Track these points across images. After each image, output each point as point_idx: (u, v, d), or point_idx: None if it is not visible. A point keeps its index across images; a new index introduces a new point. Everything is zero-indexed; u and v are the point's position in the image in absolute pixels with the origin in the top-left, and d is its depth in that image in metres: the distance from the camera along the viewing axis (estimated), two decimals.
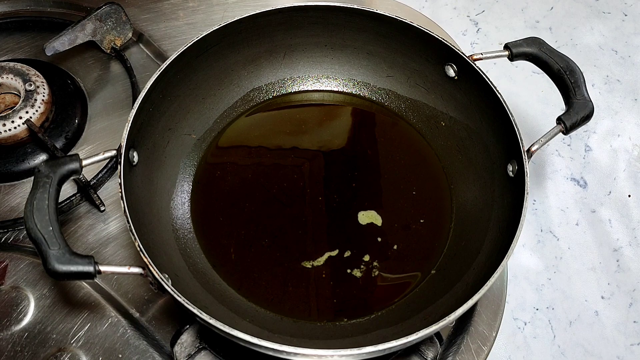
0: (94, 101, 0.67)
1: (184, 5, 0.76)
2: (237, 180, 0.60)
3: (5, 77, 0.62)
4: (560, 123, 0.51)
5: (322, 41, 0.64)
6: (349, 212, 0.58)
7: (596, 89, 0.74)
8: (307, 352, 0.41)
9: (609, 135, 0.71)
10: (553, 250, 0.63)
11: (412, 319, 0.51)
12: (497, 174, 0.54)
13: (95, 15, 0.68)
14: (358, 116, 0.65)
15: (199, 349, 0.52)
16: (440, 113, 0.62)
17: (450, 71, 0.58)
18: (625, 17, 0.81)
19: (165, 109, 0.56)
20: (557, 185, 0.68)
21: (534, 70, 0.56)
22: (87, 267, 0.41)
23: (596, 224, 0.65)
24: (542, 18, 0.81)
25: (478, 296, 0.43)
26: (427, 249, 0.56)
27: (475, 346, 0.54)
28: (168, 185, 0.57)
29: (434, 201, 0.59)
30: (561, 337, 0.59)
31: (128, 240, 0.58)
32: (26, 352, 0.51)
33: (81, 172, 0.46)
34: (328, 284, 0.54)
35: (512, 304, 0.60)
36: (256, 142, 0.63)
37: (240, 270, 0.55)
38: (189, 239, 0.56)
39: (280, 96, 0.66)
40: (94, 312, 0.53)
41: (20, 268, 0.55)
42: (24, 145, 0.61)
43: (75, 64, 0.70)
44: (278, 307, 0.53)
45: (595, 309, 0.60)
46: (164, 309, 0.54)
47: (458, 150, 0.60)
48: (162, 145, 0.57)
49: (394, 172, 0.61)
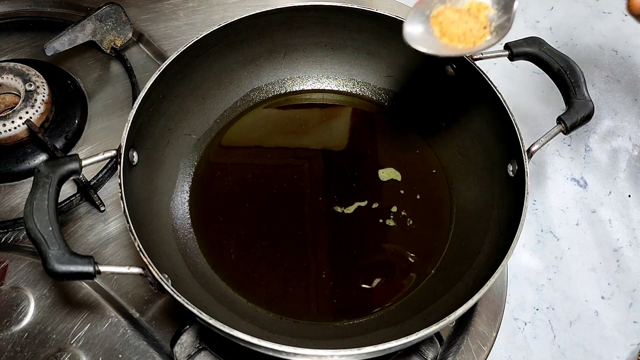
0: (94, 101, 0.67)
1: (184, 5, 0.76)
2: (237, 180, 0.60)
3: (5, 77, 0.62)
4: (561, 123, 0.51)
5: (322, 41, 0.64)
6: (349, 212, 0.58)
7: (596, 89, 0.74)
8: (307, 352, 0.41)
9: (609, 135, 0.71)
10: (553, 251, 0.63)
11: (412, 319, 0.51)
12: (497, 174, 0.54)
13: (95, 15, 0.68)
14: (358, 116, 0.65)
15: (199, 349, 0.52)
16: (440, 113, 0.62)
17: (451, 71, 0.58)
18: (625, 17, 0.81)
19: (165, 109, 0.56)
20: (557, 186, 0.68)
21: (534, 70, 0.56)
22: (87, 267, 0.41)
23: (596, 224, 0.65)
24: (542, 18, 0.81)
25: (478, 296, 0.43)
26: (427, 249, 0.56)
27: (475, 346, 0.54)
28: (168, 185, 0.57)
29: (434, 201, 0.59)
30: (561, 337, 0.59)
31: (128, 240, 0.58)
32: (26, 352, 0.51)
33: (81, 172, 0.46)
34: (328, 284, 0.54)
35: (512, 304, 0.60)
36: (256, 142, 0.63)
37: (240, 271, 0.55)
38: (188, 239, 0.56)
39: (280, 96, 0.66)
40: (94, 312, 0.53)
41: (20, 268, 0.55)
42: (24, 146, 0.61)
43: (75, 64, 0.70)
44: (278, 307, 0.53)
45: (596, 309, 0.60)
46: (164, 309, 0.54)
47: (458, 150, 0.60)
48: (162, 145, 0.57)
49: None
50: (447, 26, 0.48)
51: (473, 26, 0.48)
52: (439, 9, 0.49)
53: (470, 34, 0.47)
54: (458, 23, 0.48)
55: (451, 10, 0.48)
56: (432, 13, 0.49)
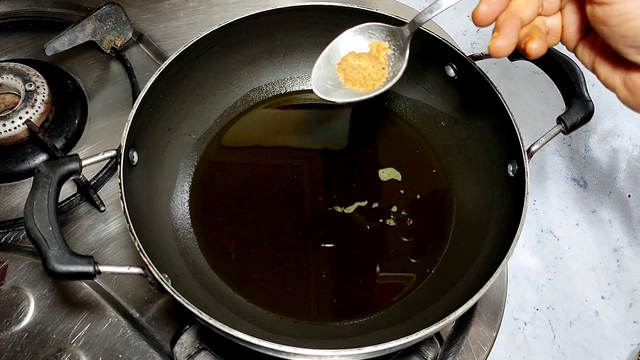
0: (94, 101, 0.67)
1: (184, 5, 0.76)
2: (237, 180, 0.60)
3: (5, 77, 0.62)
4: (561, 123, 0.51)
5: (322, 41, 0.63)
6: (349, 212, 0.58)
7: (596, 89, 0.74)
8: (307, 352, 0.41)
9: (609, 135, 0.71)
10: (553, 251, 0.63)
11: (412, 319, 0.51)
12: (497, 174, 0.54)
13: (95, 15, 0.68)
14: (358, 116, 0.65)
15: (199, 349, 0.52)
16: (440, 113, 0.62)
17: (451, 71, 0.58)
18: None
19: (165, 109, 0.56)
20: (557, 185, 0.68)
21: (534, 70, 0.56)
22: (87, 267, 0.41)
23: (596, 224, 0.65)
24: None
25: (478, 296, 0.43)
26: (427, 248, 0.56)
27: (475, 346, 0.54)
28: (168, 185, 0.57)
29: (434, 201, 0.59)
30: (561, 337, 0.59)
31: (128, 240, 0.58)
32: (26, 352, 0.51)
33: (81, 172, 0.46)
34: (328, 284, 0.54)
35: (512, 304, 0.60)
36: (256, 142, 0.63)
37: (240, 271, 0.55)
38: (188, 239, 0.56)
39: (280, 96, 0.66)
40: (94, 312, 0.53)
41: (20, 268, 0.55)
42: (24, 146, 0.61)
43: (75, 64, 0.70)
44: (278, 307, 0.53)
45: (595, 309, 0.60)
46: (164, 309, 0.54)
47: (458, 150, 0.60)
48: (162, 145, 0.57)
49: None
50: (349, 72, 0.49)
51: (372, 70, 0.49)
52: (343, 56, 0.50)
53: (370, 77, 0.49)
54: (358, 69, 0.49)
55: (353, 55, 0.50)
56: (337, 60, 0.50)
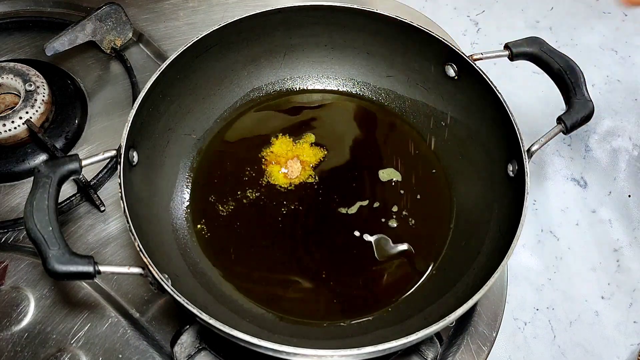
0: (94, 101, 0.67)
1: (184, 5, 0.76)
2: (237, 180, 0.60)
3: (5, 77, 0.62)
4: (561, 123, 0.51)
5: (322, 41, 0.64)
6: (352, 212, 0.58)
7: (596, 89, 0.74)
8: (307, 352, 0.41)
9: (609, 135, 0.71)
10: (553, 251, 0.63)
11: (412, 319, 0.51)
12: (497, 174, 0.54)
13: (95, 15, 0.68)
14: (358, 116, 0.65)
15: (199, 349, 0.52)
16: (440, 113, 0.62)
17: (451, 71, 0.58)
18: (625, 17, 0.81)
19: (165, 109, 0.56)
20: (558, 185, 0.68)
21: (534, 70, 0.56)
22: (87, 267, 0.41)
23: (596, 224, 0.65)
24: (542, 18, 0.81)
25: (478, 296, 0.43)
26: (427, 248, 0.56)
27: (475, 346, 0.54)
28: (168, 185, 0.57)
29: (434, 201, 0.59)
30: (561, 337, 0.59)
31: (128, 240, 0.57)
32: (26, 352, 0.51)
33: (81, 172, 0.46)
34: (328, 284, 0.54)
35: (512, 304, 0.60)
36: (256, 142, 0.63)
37: (240, 271, 0.55)
38: (188, 239, 0.56)
39: (280, 96, 0.66)
40: (94, 312, 0.53)
41: (20, 268, 0.55)
42: (24, 146, 0.61)
43: (75, 64, 0.70)
44: (278, 307, 0.53)
45: (595, 309, 0.60)
46: (164, 309, 0.54)
47: (458, 150, 0.60)
48: (162, 145, 0.57)
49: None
50: None
51: None
52: None
53: None
54: None
55: None
56: None
